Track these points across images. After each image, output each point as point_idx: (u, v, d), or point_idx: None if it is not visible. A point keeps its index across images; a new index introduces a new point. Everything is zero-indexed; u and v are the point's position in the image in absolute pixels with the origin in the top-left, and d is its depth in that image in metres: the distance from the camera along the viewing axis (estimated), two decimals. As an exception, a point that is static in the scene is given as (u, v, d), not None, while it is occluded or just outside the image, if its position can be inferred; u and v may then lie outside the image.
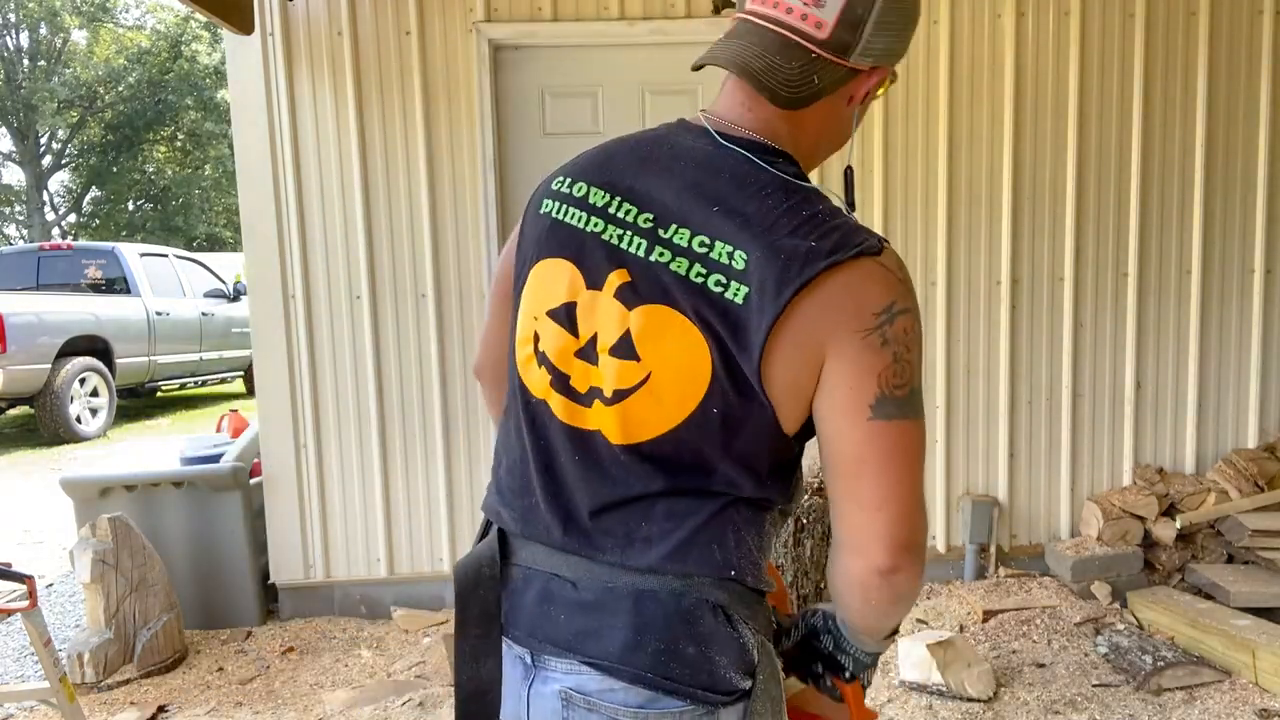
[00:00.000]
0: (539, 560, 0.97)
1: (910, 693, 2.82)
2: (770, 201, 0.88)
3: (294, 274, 3.49)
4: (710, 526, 0.92)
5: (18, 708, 2.88)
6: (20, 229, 22.52)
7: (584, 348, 0.93)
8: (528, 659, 0.95)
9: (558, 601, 0.94)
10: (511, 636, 0.97)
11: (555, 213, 0.97)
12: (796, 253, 0.84)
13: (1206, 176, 3.66)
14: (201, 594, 3.51)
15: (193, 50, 22.12)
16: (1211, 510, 3.52)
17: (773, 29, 0.89)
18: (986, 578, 3.70)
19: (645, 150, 0.96)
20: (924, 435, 0.89)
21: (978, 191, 3.62)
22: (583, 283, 0.93)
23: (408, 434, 3.58)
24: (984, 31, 3.57)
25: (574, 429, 0.94)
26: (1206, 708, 2.70)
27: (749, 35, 0.91)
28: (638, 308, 0.89)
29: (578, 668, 0.91)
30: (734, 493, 0.92)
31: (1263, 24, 3.62)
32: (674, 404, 0.89)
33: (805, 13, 0.88)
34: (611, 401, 0.91)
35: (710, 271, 0.87)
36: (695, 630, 0.90)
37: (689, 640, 0.89)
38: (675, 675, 0.88)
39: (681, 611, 0.90)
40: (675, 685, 0.88)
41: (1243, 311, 3.75)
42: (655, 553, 0.91)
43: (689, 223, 0.89)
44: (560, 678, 0.92)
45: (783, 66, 0.89)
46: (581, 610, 0.92)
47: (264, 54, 3.42)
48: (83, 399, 7.96)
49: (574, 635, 0.92)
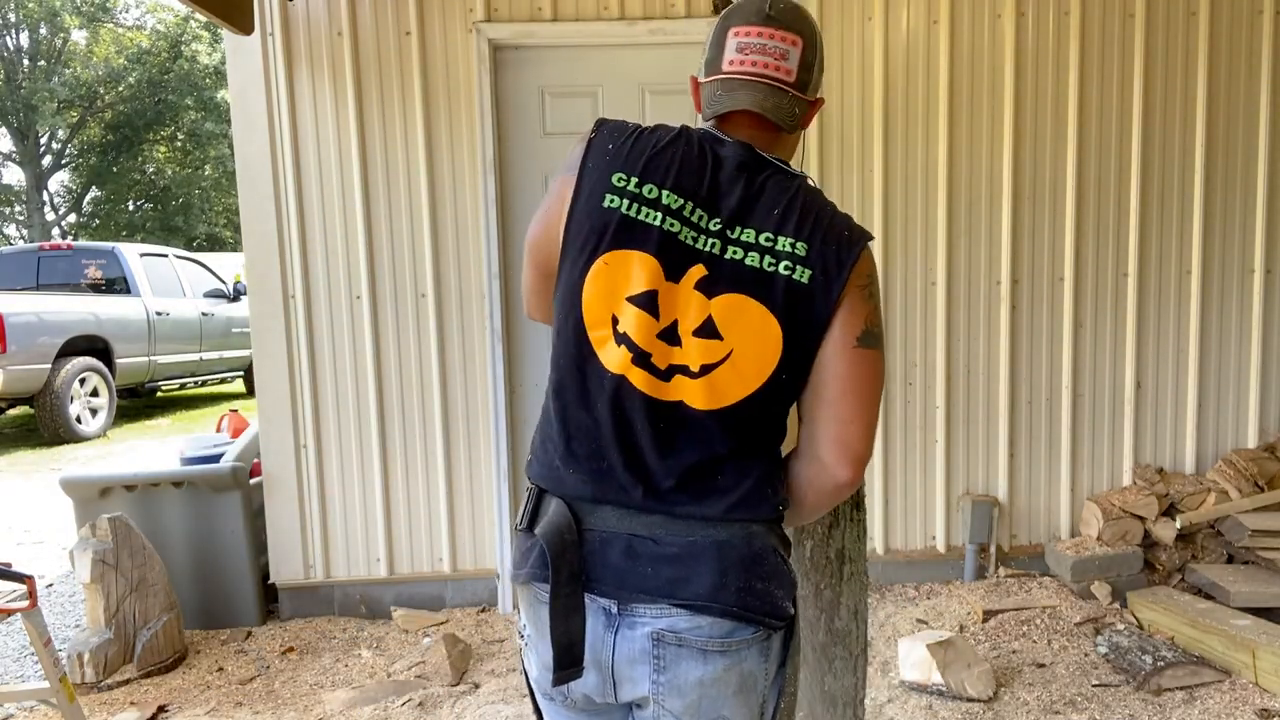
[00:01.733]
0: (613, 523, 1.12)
1: (910, 693, 2.82)
2: (811, 201, 1.15)
3: (294, 274, 3.49)
4: (768, 476, 1.14)
5: (18, 708, 2.88)
6: (20, 229, 22.51)
7: (665, 330, 1.11)
8: (613, 609, 1.10)
9: (643, 557, 1.10)
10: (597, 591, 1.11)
11: (626, 209, 1.12)
12: (842, 239, 1.12)
13: (1206, 176, 3.66)
14: (201, 594, 3.52)
15: (193, 50, 22.12)
16: (1211, 510, 3.52)
17: (763, 82, 1.17)
18: (986, 578, 3.70)
19: (697, 159, 1.16)
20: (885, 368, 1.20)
21: (978, 191, 3.62)
22: (662, 274, 1.11)
23: (408, 434, 3.58)
24: (984, 31, 3.57)
25: (655, 400, 1.11)
26: (1206, 708, 2.70)
27: (746, 88, 1.17)
28: (718, 297, 1.10)
29: (668, 610, 1.08)
30: (777, 445, 1.16)
31: (1263, 24, 3.62)
32: (753, 374, 1.10)
33: (778, 65, 1.17)
34: (698, 375, 1.10)
35: (779, 260, 1.10)
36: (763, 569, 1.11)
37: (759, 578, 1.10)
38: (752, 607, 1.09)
39: (753, 554, 1.11)
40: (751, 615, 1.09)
41: (1243, 311, 3.75)
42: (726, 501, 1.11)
43: (752, 223, 1.12)
44: (650, 621, 1.09)
45: (780, 105, 1.17)
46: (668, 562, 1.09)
47: (264, 54, 3.42)
48: (83, 399, 7.96)
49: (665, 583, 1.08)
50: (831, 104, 3.55)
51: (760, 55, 1.17)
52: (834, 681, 1.66)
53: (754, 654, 1.10)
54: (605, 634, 1.11)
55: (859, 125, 3.57)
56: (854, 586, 1.68)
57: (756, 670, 1.11)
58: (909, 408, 3.69)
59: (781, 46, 1.17)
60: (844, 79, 3.55)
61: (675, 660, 1.08)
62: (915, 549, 3.75)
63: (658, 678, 1.08)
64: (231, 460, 3.58)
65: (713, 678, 1.08)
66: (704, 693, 1.08)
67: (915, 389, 3.69)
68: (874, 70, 3.54)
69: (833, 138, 3.57)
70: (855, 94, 3.56)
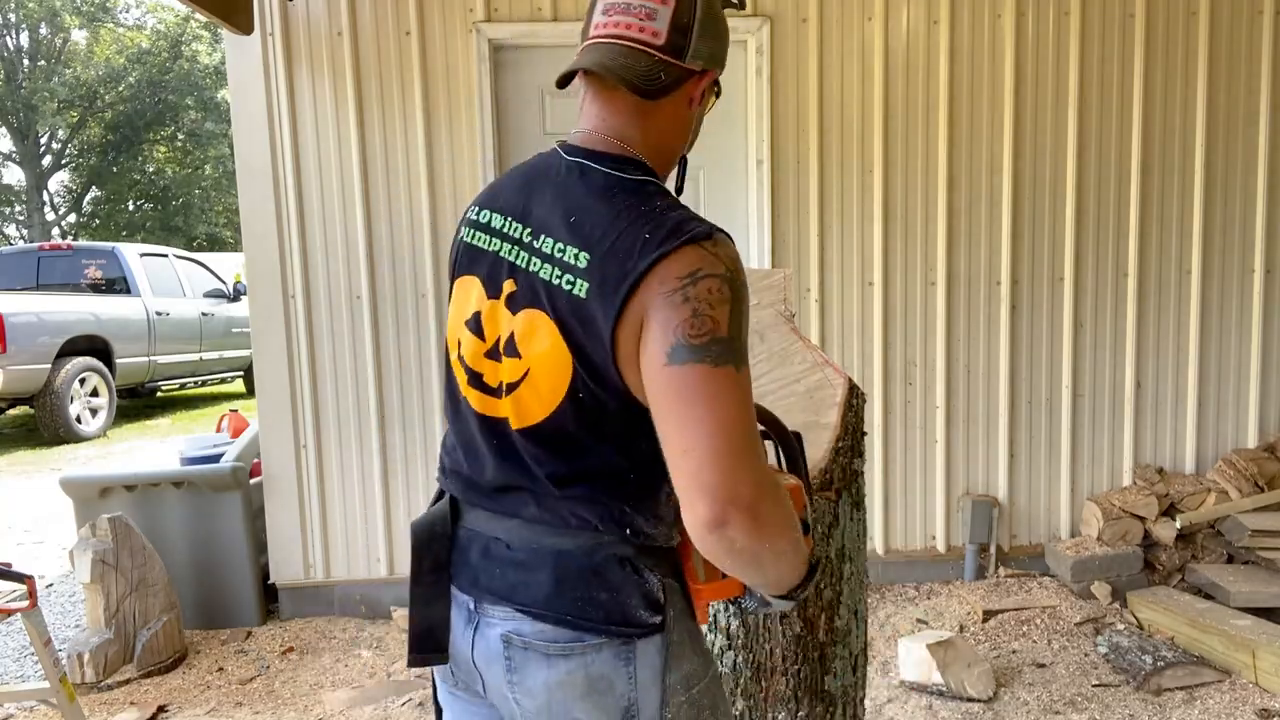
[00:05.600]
0: (480, 524, 1.13)
1: (910, 693, 2.82)
2: (615, 202, 1.02)
3: (294, 274, 3.49)
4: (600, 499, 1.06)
5: (18, 708, 2.88)
6: (20, 229, 22.51)
7: (491, 349, 1.10)
8: (471, 606, 1.11)
9: (495, 559, 1.10)
10: (458, 586, 1.13)
11: (468, 238, 1.14)
12: (634, 248, 0.97)
13: (1206, 176, 3.66)
14: (201, 594, 3.51)
15: (193, 50, 22.13)
16: (1211, 510, 3.52)
17: (620, 43, 1.06)
18: (986, 578, 3.70)
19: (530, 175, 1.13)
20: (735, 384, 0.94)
21: (978, 191, 3.62)
22: (485, 294, 1.10)
23: (408, 434, 3.58)
24: (984, 31, 3.57)
25: (488, 418, 1.11)
26: (1206, 708, 2.70)
27: (600, 49, 1.07)
28: (519, 312, 1.06)
29: (513, 614, 1.07)
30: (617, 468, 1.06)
31: (1263, 24, 3.62)
32: (549, 393, 1.04)
33: (642, 26, 1.06)
34: (506, 393, 1.07)
35: (564, 272, 1.01)
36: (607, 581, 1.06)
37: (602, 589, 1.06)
38: (592, 616, 1.05)
39: (593, 566, 1.06)
40: (592, 624, 1.05)
41: (1243, 311, 3.75)
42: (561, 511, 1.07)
43: (551, 232, 1.04)
44: (500, 623, 1.08)
45: (633, 65, 1.05)
46: (514, 566, 1.08)
47: (264, 54, 3.42)
48: (83, 399, 7.95)
49: (509, 587, 1.08)
50: (832, 104, 3.55)
51: (623, 15, 1.07)
52: (834, 681, 1.66)
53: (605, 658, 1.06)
54: (466, 630, 1.12)
55: (859, 125, 3.57)
56: (854, 586, 1.68)
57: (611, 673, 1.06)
58: (909, 408, 3.69)
59: (649, 5, 1.06)
60: (844, 79, 3.55)
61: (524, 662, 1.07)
62: (915, 549, 3.75)
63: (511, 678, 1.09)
64: (231, 460, 3.57)
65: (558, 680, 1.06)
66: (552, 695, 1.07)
67: (915, 389, 3.69)
68: (874, 70, 3.54)
69: (833, 138, 3.57)
70: (855, 94, 3.56)
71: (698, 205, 3.63)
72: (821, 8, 3.50)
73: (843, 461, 1.64)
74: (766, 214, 3.56)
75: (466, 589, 1.12)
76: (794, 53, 3.52)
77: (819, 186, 3.57)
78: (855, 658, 1.71)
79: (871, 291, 3.63)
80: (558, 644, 1.06)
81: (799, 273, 3.60)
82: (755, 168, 3.56)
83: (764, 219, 3.56)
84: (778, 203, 3.57)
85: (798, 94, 3.54)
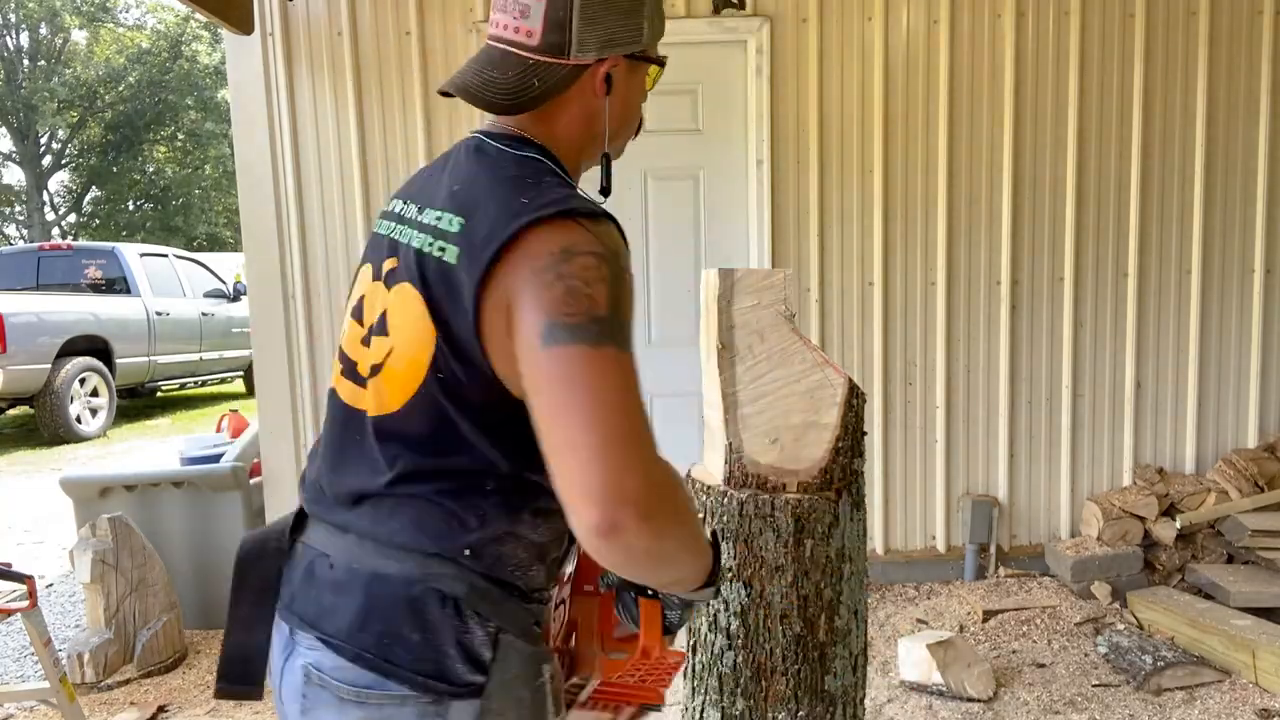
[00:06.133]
0: (318, 540, 0.99)
1: (910, 693, 2.82)
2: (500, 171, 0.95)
3: (294, 274, 3.49)
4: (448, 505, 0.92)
5: (18, 708, 2.88)
6: (20, 229, 22.51)
7: (365, 334, 0.99)
8: (286, 632, 0.97)
9: (317, 579, 0.96)
10: (278, 610, 0.99)
11: (376, 228, 1.06)
12: (506, 210, 0.88)
13: (1206, 176, 3.66)
14: (201, 594, 3.51)
15: (193, 50, 22.13)
16: (1211, 510, 3.52)
17: (497, 46, 1.00)
18: (986, 578, 3.70)
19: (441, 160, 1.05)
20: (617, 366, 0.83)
21: (978, 191, 3.62)
22: (370, 277, 1.01)
23: (408, 434, 3.57)
24: (984, 31, 3.57)
25: (352, 411, 0.99)
26: (1206, 708, 2.70)
27: (479, 57, 1.01)
28: (394, 287, 0.95)
29: (316, 643, 0.93)
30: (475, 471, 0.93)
31: (1263, 24, 3.61)
32: (410, 373, 0.92)
33: (516, 26, 0.98)
34: (369, 377, 0.97)
35: (435, 239, 0.92)
36: (420, 618, 0.90)
37: (415, 627, 0.90)
38: (397, 659, 0.89)
39: (409, 598, 0.90)
40: (394, 669, 0.89)
41: (1243, 311, 3.75)
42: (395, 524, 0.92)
43: (434, 203, 0.96)
44: (305, 653, 0.94)
45: (499, 78, 0.98)
46: (330, 588, 0.94)
47: (264, 54, 3.42)
48: (83, 399, 7.96)
49: (318, 612, 0.93)
50: (832, 104, 3.55)
51: (501, 14, 0.99)
52: (834, 681, 1.66)
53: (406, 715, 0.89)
54: (279, 659, 0.98)
55: (859, 125, 3.57)
56: (854, 586, 1.68)
57: None
58: (909, 408, 3.69)
59: (522, 2, 0.97)
60: (844, 79, 3.55)
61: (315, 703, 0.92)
62: (915, 549, 3.75)
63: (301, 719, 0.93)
64: (231, 460, 3.57)
65: None
66: None
67: (915, 389, 3.69)
68: (874, 70, 3.54)
69: (833, 138, 3.57)
70: (855, 94, 3.56)
71: (698, 205, 3.63)
72: (821, 8, 3.50)
73: (843, 461, 1.65)
74: (766, 214, 3.56)
75: (283, 613, 0.98)
76: (794, 53, 3.52)
77: (819, 186, 3.57)
78: (855, 658, 1.71)
79: (871, 291, 3.63)
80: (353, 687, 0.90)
81: (799, 273, 3.60)
82: (755, 168, 3.56)
83: (764, 219, 3.56)
84: (778, 203, 3.57)
85: (797, 94, 3.54)
